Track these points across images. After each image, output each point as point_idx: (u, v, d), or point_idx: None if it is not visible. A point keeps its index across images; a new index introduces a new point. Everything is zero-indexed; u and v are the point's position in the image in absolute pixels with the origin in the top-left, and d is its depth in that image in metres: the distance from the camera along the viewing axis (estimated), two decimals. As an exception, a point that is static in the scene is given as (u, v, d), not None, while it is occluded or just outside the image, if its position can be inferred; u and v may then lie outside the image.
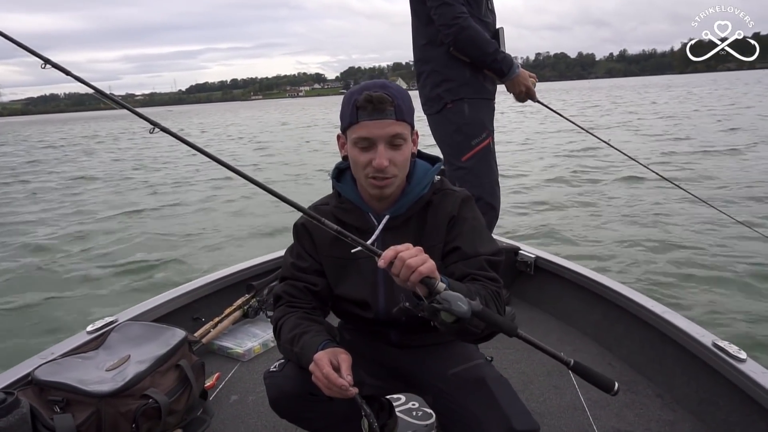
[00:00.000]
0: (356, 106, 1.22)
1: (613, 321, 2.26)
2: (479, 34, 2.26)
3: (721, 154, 10.47)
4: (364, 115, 1.21)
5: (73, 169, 14.78)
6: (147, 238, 6.73)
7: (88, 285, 5.12)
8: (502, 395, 1.21)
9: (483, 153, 2.38)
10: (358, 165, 1.26)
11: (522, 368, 2.15)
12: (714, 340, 1.73)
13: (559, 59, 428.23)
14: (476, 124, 2.38)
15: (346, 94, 1.29)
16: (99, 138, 28.21)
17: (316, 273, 1.40)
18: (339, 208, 1.38)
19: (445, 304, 1.00)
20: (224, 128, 33.69)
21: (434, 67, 2.38)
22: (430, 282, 1.04)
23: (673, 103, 28.03)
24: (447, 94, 2.36)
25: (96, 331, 1.95)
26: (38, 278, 5.41)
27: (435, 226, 1.34)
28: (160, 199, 9.46)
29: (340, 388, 1.12)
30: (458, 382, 1.28)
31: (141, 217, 8.10)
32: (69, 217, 8.36)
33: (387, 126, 1.22)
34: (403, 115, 1.24)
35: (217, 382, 2.15)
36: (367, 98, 1.20)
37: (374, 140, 1.22)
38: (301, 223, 1.42)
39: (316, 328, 1.29)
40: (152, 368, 1.71)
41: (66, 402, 1.55)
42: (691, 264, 4.62)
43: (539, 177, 9.38)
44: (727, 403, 1.67)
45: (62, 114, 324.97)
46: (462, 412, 1.23)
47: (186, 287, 2.47)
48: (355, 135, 1.23)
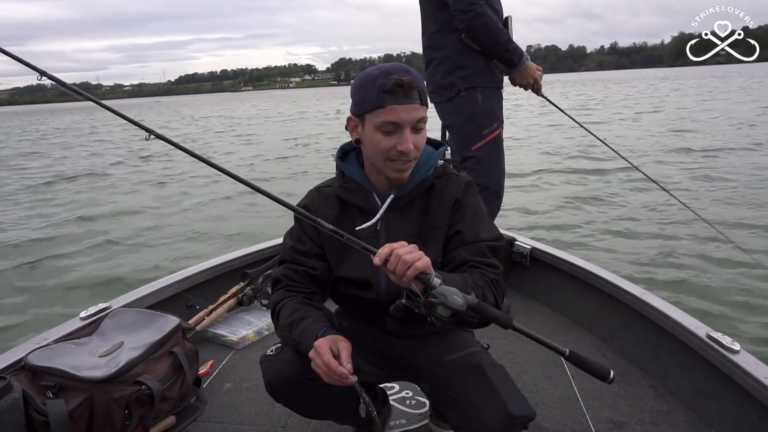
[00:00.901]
0: (384, 90, 1.20)
1: (608, 312, 2.27)
2: (493, 22, 2.24)
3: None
4: (391, 99, 1.20)
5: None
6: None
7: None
8: (499, 382, 1.21)
9: (493, 143, 2.38)
10: (378, 149, 1.25)
11: (516, 358, 2.16)
12: (708, 332, 1.73)
13: (550, 51, 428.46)
14: (488, 114, 2.36)
15: (365, 77, 1.25)
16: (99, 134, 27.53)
17: (316, 257, 1.39)
18: (342, 188, 1.37)
19: (441, 298, 1.02)
20: (215, 119, 33.20)
21: (447, 54, 2.35)
22: (426, 278, 1.05)
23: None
24: (461, 81, 2.33)
25: (89, 317, 1.94)
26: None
27: (439, 209, 1.34)
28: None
29: (340, 376, 1.11)
30: (455, 368, 1.28)
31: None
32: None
33: (413, 111, 1.21)
34: (425, 100, 1.25)
35: (211, 370, 2.15)
36: (398, 83, 1.18)
37: (401, 124, 1.21)
38: (303, 206, 1.41)
39: (315, 314, 1.28)
40: (145, 355, 1.70)
41: (59, 387, 1.54)
42: (687, 255, 4.65)
43: (536, 168, 9.35)
44: (720, 394, 1.68)
45: (49, 104, 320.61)
46: (459, 399, 1.23)
47: (180, 274, 2.46)
48: (381, 119, 1.22)
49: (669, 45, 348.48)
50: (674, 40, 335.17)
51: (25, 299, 4.62)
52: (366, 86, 1.23)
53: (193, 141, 18.82)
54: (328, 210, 1.38)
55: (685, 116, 16.74)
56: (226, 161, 12.76)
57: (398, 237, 1.33)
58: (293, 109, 43.16)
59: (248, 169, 11.47)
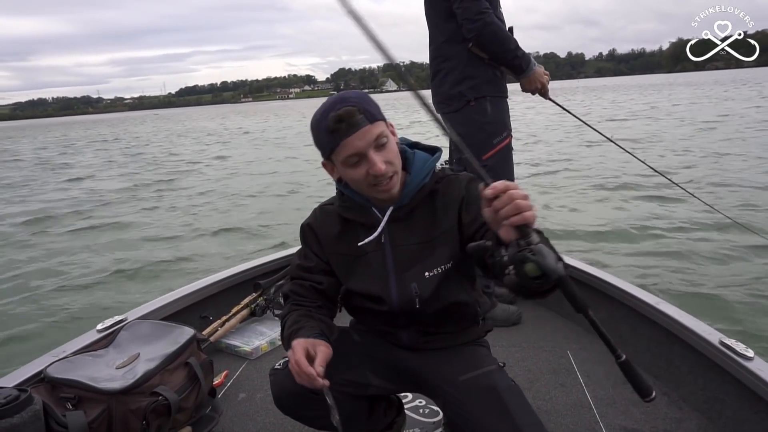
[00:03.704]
0: (329, 131, 1.21)
1: (618, 319, 2.27)
2: (502, 30, 2.26)
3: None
4: (340, 136, 1.20)
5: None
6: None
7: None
8: (513, 405, 1.21)
9: (504, 152, 2.40)
10: (356, 180, 1.26)
11: (528, 366, 2.15)
12: (721, 338, 1.72)
13: (549, 59, 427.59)
14: (498, 123, 2.38)
15: (313, 124, 1.26)
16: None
17: (322, 272, 1.42)
18: (343, 207, 1.40)
19: (538, 256, 0.92)
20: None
21: (455, 64, 2.37)
22: (527, 230, 0.95)
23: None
24: (470, 91, 2.35)
25: (106, 329, 1.97)
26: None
27: (446, 211, 1.34)
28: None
29: (308, 376, 1.13)
30: (469, 389, 1.28)
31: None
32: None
33: (365, 134, 1.20)
34: (374, 116, 1.23)
35: (226, 380, 2.16)
36: (335, 119, 1.19)
37: (362, 152, 1.21)
38: (307, 224, 1.45)
39: (310, 324, 1.30)
40: (161, 366, 1.72)
41: (78, 399, 1.57)
42: (699, 261, 4.60)
43: (544, 172, 9.32)
44: (734, 401, 1.67)
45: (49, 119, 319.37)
46: (472, 421, 1.23)
47: (194, 286, 2.49)
48: (342, 156, 1.23)
49: (667, 51, 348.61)
50: (672, 45, 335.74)
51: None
52: (317, 133, 1.26)
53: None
54: (332, 227, 1.41)
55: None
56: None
57: (404, 246, 1.34)
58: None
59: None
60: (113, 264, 5.69)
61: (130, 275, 5.33)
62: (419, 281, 1.33)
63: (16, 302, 4.74)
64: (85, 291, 4.97)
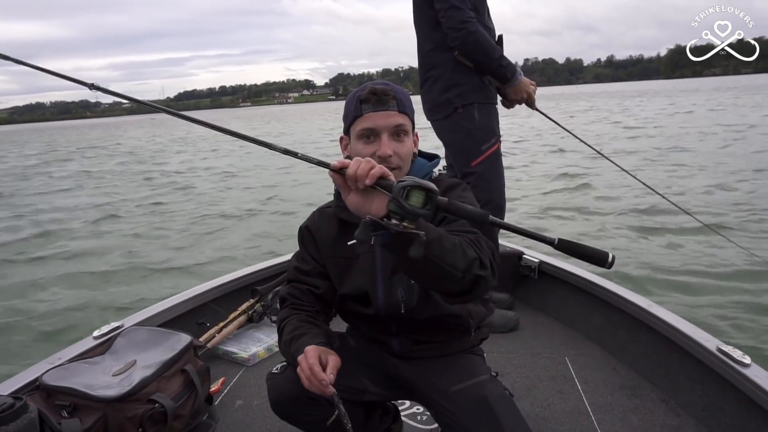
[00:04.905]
0: (360, 99, 1.27)
1: (617, 326, 2.27)
2: (486, 39, 2.28)
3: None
4: (367, 107, 1.26)
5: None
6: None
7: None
8: (505, 417, 1.21)
9: (492, 158, 2.41)
10: (360, 156, 1.27)
11: (526, 372, 2.15)
12: (718, 345, 1.73)
13: (547, 65, 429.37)
14: (486, 129, 2.40)
15: (349, 95, 1.33)
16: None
17: (319, 276, 1.43)
18: (340, 208, 1.40)
19: (408, 181, 0.93)
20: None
21: (442, 71, 2.39)
22: (387, 182, 0.97)
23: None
24: (457, 98, 2.37)
25: (102, 336, 1.96)
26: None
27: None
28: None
29: (320, 381, 1.13)
30: (461, 400, 1.28)
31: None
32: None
33: (389, 117, 1.25)
34: (405, 108, 1.28)
35: (223, 387, 2.15)
36: (371, 91, 1.26)
37: (378, 131, 1.25)
38: (305, 226, 1.46)
39: (314, 331, 1.31)
40: (158, 373, 1.71)
41: (73, 407, 1.55)
42: (696, 269, 4.62)
43: (540, 179, 9.34)
44: (732, 408, 1.67)
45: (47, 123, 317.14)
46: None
47: (191, 292, 2.48)
48: (359, 127, 1.27)
49: (665, 57, 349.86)
50: (670, 52, 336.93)
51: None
52: (349, 102, 1.32)
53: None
54: (329, 229, 1.42)
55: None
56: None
57: None
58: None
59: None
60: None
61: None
62: (405, 287, 1.34)
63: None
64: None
